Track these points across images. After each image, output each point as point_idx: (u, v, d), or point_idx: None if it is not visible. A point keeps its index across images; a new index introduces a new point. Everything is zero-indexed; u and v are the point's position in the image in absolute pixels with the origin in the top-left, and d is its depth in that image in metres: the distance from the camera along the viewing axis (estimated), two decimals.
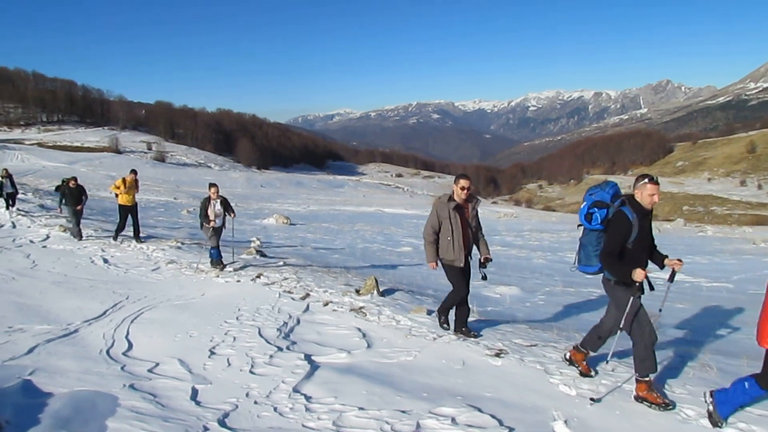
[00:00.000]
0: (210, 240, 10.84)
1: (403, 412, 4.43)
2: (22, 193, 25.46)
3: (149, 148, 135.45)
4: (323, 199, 71.90)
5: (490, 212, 52.67)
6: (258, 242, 14.73)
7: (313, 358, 5.80)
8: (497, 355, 5.70)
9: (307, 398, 4.79)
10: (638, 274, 4.35)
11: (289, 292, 8.54)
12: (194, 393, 4.91)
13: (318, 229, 25.68)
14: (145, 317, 7.37)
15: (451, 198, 6.13)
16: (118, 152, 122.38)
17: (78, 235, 14.38)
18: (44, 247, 13.08)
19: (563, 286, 10.80)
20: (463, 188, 6.06)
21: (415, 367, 5.53)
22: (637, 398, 4.52)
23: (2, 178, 19.41)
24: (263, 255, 12.66)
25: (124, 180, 14.04)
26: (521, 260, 16.50)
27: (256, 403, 4.73)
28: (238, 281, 9.49)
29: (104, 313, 7.52)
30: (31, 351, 5.75)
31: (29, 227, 16.34)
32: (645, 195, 4.50)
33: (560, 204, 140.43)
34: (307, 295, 8.33)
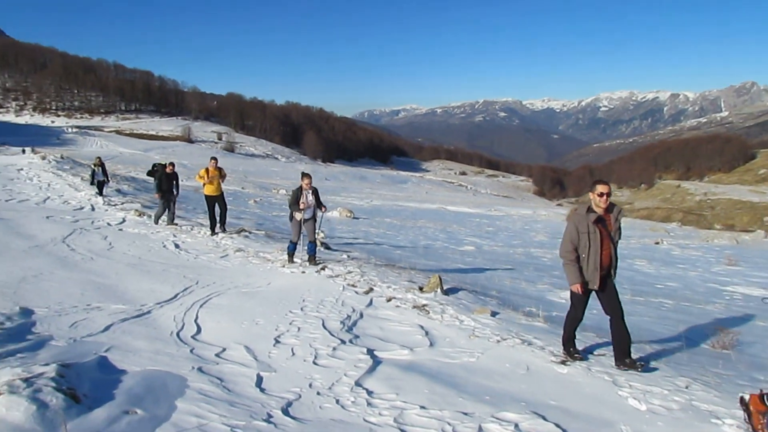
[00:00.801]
0: (293, 233, 10.51)
1: (465, 414, 4.38)
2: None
3: (219, 139, 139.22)
4: (386, 194, 72.16)
5: (556, 215, 51.63)
6: (322, 234, 14.91)
7: (375, 353, 5.81)
8: (563, 362, 5.56)
9: (369, 393, 4.81)
10: None
11: (353, 285, 8.60)
12: (259, 380, 5.01)
13: (381, 224, 25.81)
14: (213, 303, 7.57)
15: (590, 209, 5.48)
16: (190, 141, 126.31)
17: (156, 220, 14.76)
18: (120, 230, 13.60)
19: (632, 295, 10.45)
20: (601, 195, 5.36)
21: (477, 369, 5.47)
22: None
23: (95, 166, 19.78)
24: (327, 247, 12.79)
25: (207, 170, 13.60)
26: None
27: (318, 394, 4.78)
28: (303, 272, 9.62)
29: (175, 296, 7.78)
30: (107, 329, 5.99)
31: (107, 210, 17.03)
32: None
33: (629, 209, 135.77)
34: (371, 289, 8.36)
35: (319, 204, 10.54)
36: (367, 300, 7.90)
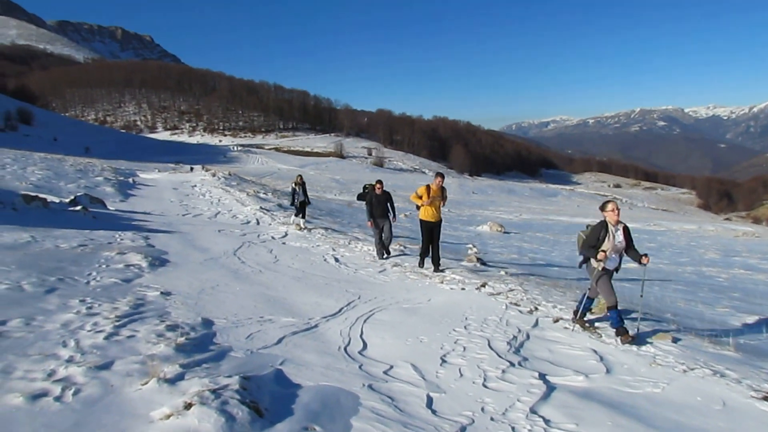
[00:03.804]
0: (601, 288, 6.88)
1: None
2: (263, 193, 28.23)
3: (369, 154, 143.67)
4: (535, 207, 70.29)
5: (725, 230, 47.30)
6: (476, 249, 14.69)
7: (547, 377, 5.50)
8: (766, 398, 4.93)
9: (546, 421, 4.54)
10: None
11: (516, 304, 8.27)
12: (429, 401, 4.90)
13: (533, 238, 25.10)
14: (376, 318, 7.60)
15: None
16: (342, 157, 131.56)
17: (380, 253, 12.67)
18: (284, 243, 14.25)
19: None
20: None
21: (664, 401, 5.00)
22: None
23: (295, 185, 17.93)
24: (483, 263, 12.54)
25: (428, 187, 11.09)
26: None
27: (492, 419, 4.58)
28: (463, 289, 9.42)
29: (339, 310, 7.89)
30: (279, 341, 6.18)
31: (270, 224, 18.01)
32: None
33: None
34: (536, 308, 8.01)
35: (629, 246, 6.88)
36: (533, 320, 7.56)
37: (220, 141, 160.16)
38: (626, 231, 6.88)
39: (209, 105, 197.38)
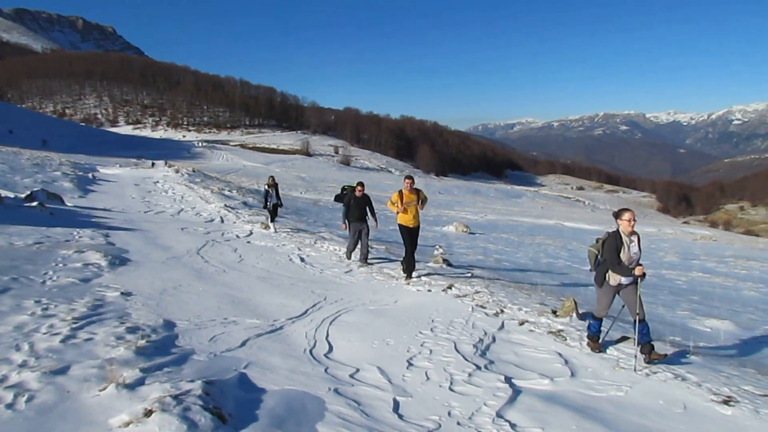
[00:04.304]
0: (599, 305, 6.67)
1: None
2: (228, 191, 27.85)
3: (336, 152, 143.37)
4: (500, 208, 70.95)
5: (684, 234, 48.48)
6: (441, 250, 14.70)
7: (513, 381, 5.51)
8: (725, 402, 5.02)
9: (512, 425, 4.55)
10: None
11: (482, 306, 8.29)
12: (396, 405, 4.86)
13: (498, 240, 25.24)
14: (342, 320, 7.53)
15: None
16: (309, 155, 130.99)
17: (349, 254, 12.45)
18: (248, 242, 14.06)
19: None
20: None
21: (628, 405, 5.05)
22: None
23: (268, 186, 16.86)
24: (449, 264, 12.56)
25: (400, 193, 10.43)
26: (728, 290, 14.87)
27: (459, 424, 4.57)
28: (429, 291, 9.42)
29: (305, 312, 7.80)
30: (244, 344, 6.06)
31: (235, 222, 17.77)
32: None
33: (765, 228, 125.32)
34: (501, 311, 8.03)
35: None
36: (498, 323, 7.58)
37: (184, 136, 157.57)
38: (639, 241, 6.34)
39: (173, 99, 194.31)
